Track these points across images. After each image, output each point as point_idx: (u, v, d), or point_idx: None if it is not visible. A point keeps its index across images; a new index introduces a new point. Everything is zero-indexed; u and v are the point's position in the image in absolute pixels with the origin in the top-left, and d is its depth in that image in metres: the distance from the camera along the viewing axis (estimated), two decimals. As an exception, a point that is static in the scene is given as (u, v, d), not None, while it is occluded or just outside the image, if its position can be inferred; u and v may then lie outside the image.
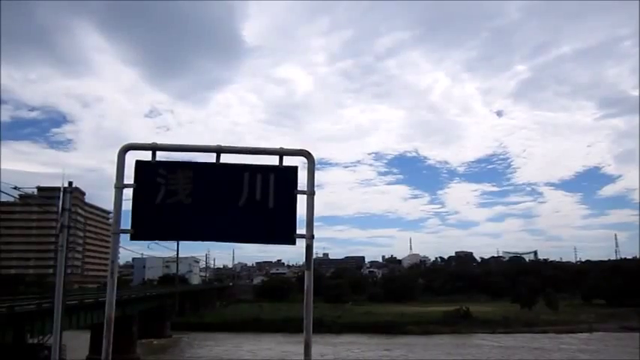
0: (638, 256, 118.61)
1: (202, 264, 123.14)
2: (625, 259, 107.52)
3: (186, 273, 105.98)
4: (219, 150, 4.30)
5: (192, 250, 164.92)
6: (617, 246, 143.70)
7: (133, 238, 4.20)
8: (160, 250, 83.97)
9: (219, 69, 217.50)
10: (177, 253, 74.39)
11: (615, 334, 52.95)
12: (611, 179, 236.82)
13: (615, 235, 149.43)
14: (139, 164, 4.26)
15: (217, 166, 4.30)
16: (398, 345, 49.06)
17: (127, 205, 4.25)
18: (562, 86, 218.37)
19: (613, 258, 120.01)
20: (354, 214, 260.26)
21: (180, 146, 4.39)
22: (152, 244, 67.22)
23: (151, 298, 54.10)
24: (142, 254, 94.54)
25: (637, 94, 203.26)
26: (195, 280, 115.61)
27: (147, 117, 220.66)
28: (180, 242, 70.46)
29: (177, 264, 79.42)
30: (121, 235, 4.22)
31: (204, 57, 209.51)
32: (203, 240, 4.48)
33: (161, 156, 4.33)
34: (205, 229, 4.29)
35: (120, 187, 4.18)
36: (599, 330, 55.32)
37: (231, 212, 4.25)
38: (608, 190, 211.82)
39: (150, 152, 4.28)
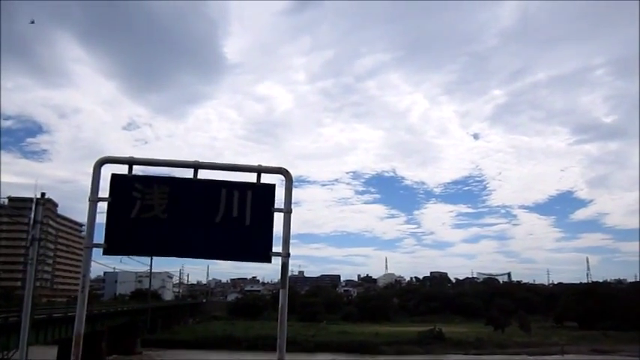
0: (609, 280, 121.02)
1: (176, 279, 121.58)
2: (596, 282, 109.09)
3: (159, 288, 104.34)
4: (196, 166, 4.29)
5: (166, 265, 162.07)
6: (588, 269, 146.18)
7: (105, 252, 4.14)
8: (133, 264, 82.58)
9: (199, 84, 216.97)
10: (151, 268, 73.20)
11: (586, 357, 53.44)
12: (583, 203, 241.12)
13: (587, 258, 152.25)
14: (115, 178, 4.22)
15: (194, 182, 4.28)
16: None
17: (102, 218, 4.20)
18: (537, 111, 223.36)
19: (585, 281, 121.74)
20: (330, 232, 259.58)
21: (158, 161, 4.36)
22: (125, 258, 66.31)
23: (122, 314, 53.00)
24: (114, 268, 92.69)
25: (609, 121, 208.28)
26: (168, 295, 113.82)
27: (125, 130, 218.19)
28: (154, 257, 69.65)
29: (150, 279, 78.18)
30: (94, 249, 4.16)
31: (185, 72, 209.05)
32: (178, 256, 4.44)
33: (138, 170, 4.30)
34: (181, 245, 4.24)
35: (94, 200, 4.13)
36: (571, 352, 55.78)
37: (207, 229, 4.22)
38: (580, 214, 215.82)
39: (126, 166, 4.25)
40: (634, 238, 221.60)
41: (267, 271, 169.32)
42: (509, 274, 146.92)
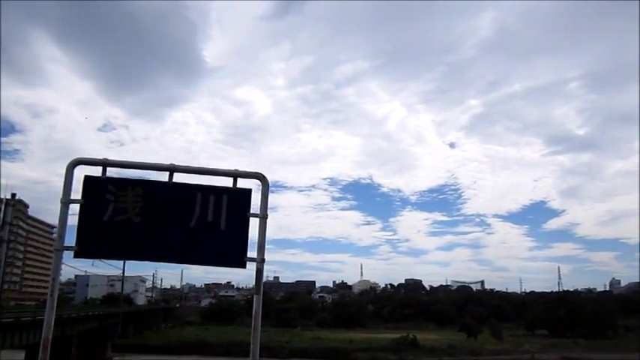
0: (579, 289, 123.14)
1: (149, 284, 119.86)
2: (567, 291, 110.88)
3: (131, 293, 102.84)
4: (172, 169, 4.24)
5: (139, 269, 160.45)
6: (560, 278, 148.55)
7: (76, 255, 4.06)
8: (105, 268, 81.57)
9: (177, 87, 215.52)
10: (123, 272, 72.11)
11: (556, 365, 54.22)
12: (555, 213, 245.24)
13: (558, 267, 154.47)
14: (88, 179, 4.14)
15: (169, 185, 4.23)
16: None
17: (74, 220, 4.12)
18: (512, 122, 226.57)
19: (556, 290, 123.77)
20: (306, 238, 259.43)
21: (132, 163, 4.29)
22: (97, 261, 65.27)
23: (93, 318, 52.02)
24: (85, 272, 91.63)
25: (581, 133, 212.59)
26: (141, 300, 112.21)
27: (100, 131, 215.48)
28: (127, 261, 68.71)
29: (123, 283, 76.98)
30: (65, 252, 4.08)
31: (162, 74, 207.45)
32: (151, 260, 4.36)
33: (112, 172, 4.23)
34: (154, 249, 4.18)
35: (66, 202, 4.05)
36: (541, 360, 56.55)
37: (181, 233, 4.17)
38: (552, 224, 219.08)
39: (100, 168, 4.18)
40: (604, 248, 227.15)
41: (241, 277, 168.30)
42: (482, 282, 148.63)
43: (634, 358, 56.45)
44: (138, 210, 4.13)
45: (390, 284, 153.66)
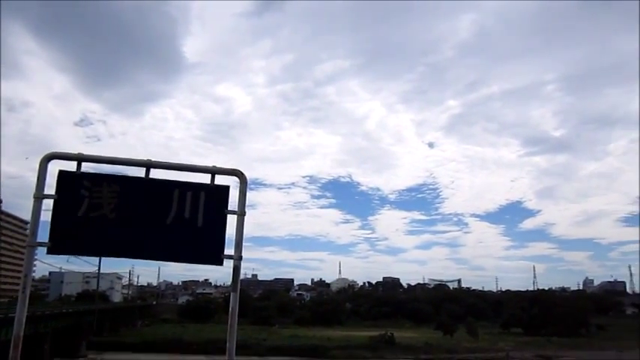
0: (553, 288, 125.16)
1: (125, 281, 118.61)
2: (542, 290, 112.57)
3: (107, 290, 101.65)
4: (148, 165, 4.18)
5: (115, 266, 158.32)
6: (535, 277, 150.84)
7: (50, 251, 3.99)
8: (80, 264, 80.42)
9: (156, 82, 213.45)
10: (99, 269, 71.35)
11: (530, 362, 55.02)
12: (531, 213, 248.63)
13: (534, 266, 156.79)
14: (62, 174, 4.07)
15: (146, 181, 4.17)
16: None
17: (48, 216, 4.04)
18: (490, 123, 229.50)
19: (531, 289, 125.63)
20: (285, 235, 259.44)
21: (108, 158, 4.22)
22: (72, 258, 64.30)
23: (67, 315, 51.27)
24: (60, 268, 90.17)
25: (557, 134, 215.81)
26: (117, 297, 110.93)
27: (77, 126, 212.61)
28: (103, 258, 67.85)
29: (98, 280, 76.10)
30: (39, 247, 4.01)
31: (141, 69, 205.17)
32: (127, 257, 4.30)
33: (87, 167, 4.17)
34: (129, 246, 4.12)
35: (39, 197, 3.98)
36: (516, 357, 57.27)
37: (157, 229, 4.12)
38: (528, 224, 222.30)
39: (75, 162, 4.11)
40: (578, 248, 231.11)
41: (219, 274, 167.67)
42: (459, 281, 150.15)
43: (606, 355, 57.60)
44: (113, 206, 4.07)
45: (368, 282, 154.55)
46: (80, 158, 4.08)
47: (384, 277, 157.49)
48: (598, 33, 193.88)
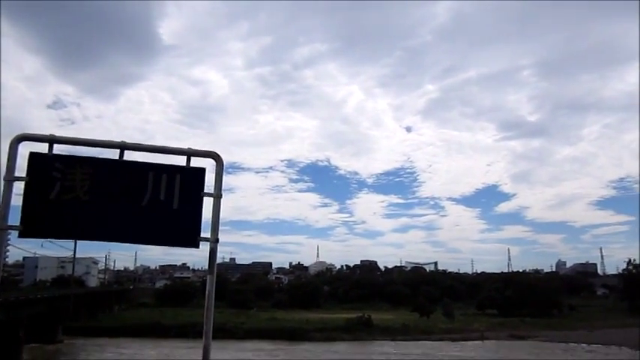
0: (527, 270, 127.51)
1: (101, 265, 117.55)
2: (516, 272, 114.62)
3: (83, 275, 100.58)
4: (122, 146, 4.11)
5: (91, 250, 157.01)
6: (509, 260, 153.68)
7: (21, 235, 3.91)
8: (55, 249, 79.45)
9: (131, 64, 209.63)
10: (75, 253, 70.59)
11: (504, 342, 56.29)
12: (506, 197, 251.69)
13: (508, 249, 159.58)
14: (34, 156, 3.98)
15: (119, 163, 4.10)
16: (289, 350, 49.32)
17: (20, 200, 3.96)
18: (467, 107, 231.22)
19: (505, 271, 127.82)
20: (263, 219, 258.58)
21: (81, 140, 4.13)
22: (47, 242, 63.41)
23: (42, 301, 50.77)
24: (34, 253, 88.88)
25: (533, 119, 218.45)
26: (93, 282, 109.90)
27: (50, 108, 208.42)
28: (79, 242, 67.03)
29: (74, 265, 75.26)
30: (10, 232, 3.94)
31: (116, 51, 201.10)
32: (101, 240, 4.24)
33: (60, 150, 4.08)
34: (104, 229, 4.07)
35: (10, 179, 3.89)
36: (490, 338, 58.54)
37: (132, 212, 4.07)
38: (503, 207, 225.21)
39: (46, 144, 4.02)
40: (551, 230, 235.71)
41: (197, 258, 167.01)
42: (435, 264, 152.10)
43: (577, 334, 59.19)
44: (87, 188, 4.00)
45: (346, 265, 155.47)
46: (52, 140, 4.00)
47: (361, 260, 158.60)
48: (573, 19, 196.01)
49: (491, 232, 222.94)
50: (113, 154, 4.16)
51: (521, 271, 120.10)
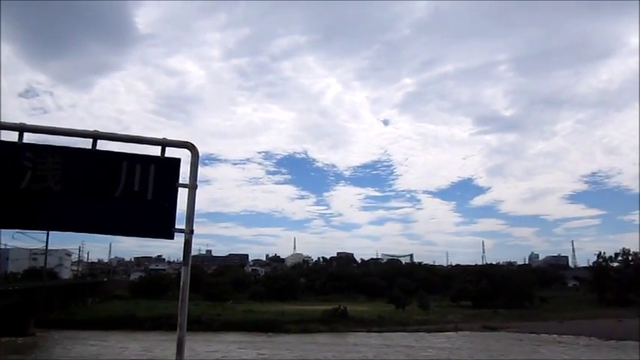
0: (501, 262, 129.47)
1: (75, 257, 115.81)
2: (490, 264, 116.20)
3: (55, 267, 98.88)
4: (95, 136, 4.04)
5: (65, 242, 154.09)
6: (483, 252, 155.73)
7: (-9, 226, 3.84)
8: (27, 240, 77.91)
9: (106, 53, 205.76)
10: (47, 245, 69.59)
11: (477, 333, 57.18)
12: (481, 190, 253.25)
13: (483, 242, 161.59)
14: (3, 145, 3.89)
15: (93, 153, 4.03)
16: (264, 343, 49.41)
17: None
18: (444, 102, 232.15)
19: (480, 263, 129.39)
20: (240, 211, 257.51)
21: (52, 129, 4.05)
22: (18, 234, 62.28)
23: (13, 293, 49.96)
24: (5, 245, 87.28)
25: (508, 114, 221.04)
26: (66, 274, 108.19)
27: (22, 97, 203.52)
28: (51, 233, 65.92)
29: (46, 256, 74.12)
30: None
31: (90, 39, 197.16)
32: (73, 231, 4.17)
33: (31, 139, 3.99)
34: (76, 219, 4.00)
35: (-22, 168, 3.80)
36: (464, 329, 59.40)
37: (105, 203, 4.00)
38: (478, 201, 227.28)
39: (16, 133, 3.94)
40: (525, 224, 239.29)
41: (173, 250, 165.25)
42: (411, 256, 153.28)
43: (548, 325, 60.40)
44: (58, 178, 3.92)
45: (323, 257, 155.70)
46: (22, 128, 3.91)
47: (338, 253, 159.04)
48: (548, 16, 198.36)
49: (466, 225, 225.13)
50: (86, 143, 4.09)
51: (495, 263, 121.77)
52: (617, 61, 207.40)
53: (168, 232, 4.09)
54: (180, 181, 4.20)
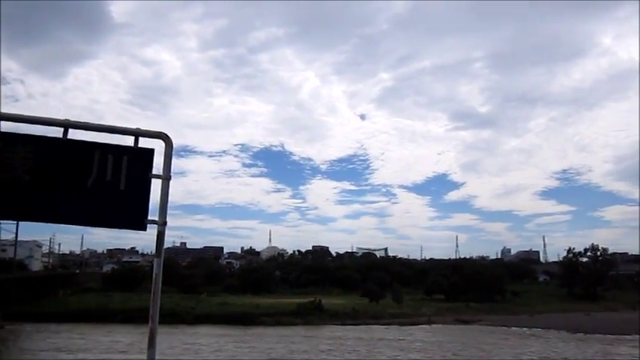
0: (474, 257, 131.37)
1: (46, 249, 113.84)
2: (463, 258, 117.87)
3: (25, 258, 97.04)
4: (66, 125, 3.96)
5: (35, 233, 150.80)
6: (457, 246, 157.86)
7: (-44, 215, 3.75)
8: (-4, 231, 76.28)
9: (80, 42, 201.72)
10: (17, 236, 68.23)
11: (450, 326, 57.99)
12: (456, 186, 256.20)
13: (456, 236, 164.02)
14: (-30, 133, 3.81)
15: (64, 142, 3.95)
16: (238, 336, 49.36)
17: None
18: (420, 97, 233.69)
19: (453, 257, 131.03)
20: (215, 204, 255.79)
21: (21, 117, 3.95)
22: (-13, 225, 60.92)
23: (-18, 285, 48.90)
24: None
25: (483, 110, 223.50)
26: (37, 266, 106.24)
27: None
28: (21, 224, 64.72)
29: (16, 248, 72.73)
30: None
31: (63, 27, 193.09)
32: (43, 221, 4.10)
33: (1, 127, 3.90)
34: (46, 210, 3.92)
35: (-55, 157, 3.71)
36: (437, 322, 60.18)
37: (77, 193, 3.93)
38: (453, 196, 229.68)
39: (-16, 121, 3.84)
40: (497, 219, 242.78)
41: (146, 242, 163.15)
42: (386, 250, 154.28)
43: (519, 318, 61.55)
44: (28, 167, 3.84)
45: (298, 251, 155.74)
46: (-9, 116, 3.82)
47: (313, 246, 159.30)
48: (522, 15, 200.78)
49: (440, 220, 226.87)
50: (58, 133, 4.02)
51: (468, 257, 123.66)
52: (589, 61, 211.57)
53: (141, 224, 4.04)
54: (154, 172, 4.15)
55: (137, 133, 4.11)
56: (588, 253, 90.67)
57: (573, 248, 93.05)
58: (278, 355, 39.96)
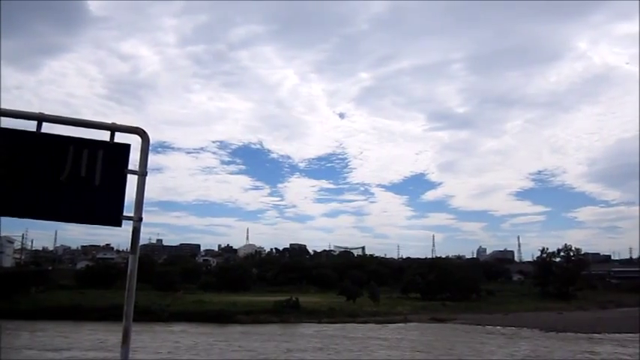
0: (450, 256, 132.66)
1: (18, 245, 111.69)
2: (440, 257, 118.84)
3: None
4: (40, 118, 3.90)
5: (6, 228, 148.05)
6: (434, 245, 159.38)
7: None
8: (-33, 227, 74.72)
9: (56, 34, 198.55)
10: (-12, 232, 66.69)
11: (425, 324, 58.38)
12: (433, 185, 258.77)
13: (433, 235, 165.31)
14: (-59, 126, 3.72)
15: (37, 136, 3.88)
16: (209, 335, 49.11)
17: None
18: (399, 97, 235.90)
19: (430, 256, 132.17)
20: (192, 200, 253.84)
21: (-7, 110, 3.89)
22: (-43, 219, 59.64)
23: (-49, 281, 47.77)
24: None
25: (461, 111, 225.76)
26: (8, 262, 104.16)
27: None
28: (-7, 220, 63.37)
29: (-13, 244, 71.18)
30: None
31: (39, 19, 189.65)
32: (15, 216, 4.02)
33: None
34: (19, 204, 3.85)
35: None
36: (413, 320, 60.55)
37: (51, 188, 3.87)
38: (430, 195, 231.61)
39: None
40: (473, 219, 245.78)
41: (122, 239, 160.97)
42: (363, 248, 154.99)
43: (493, 317, 62.30)
44: (1, 161, 3.78)
45: (276, 248, 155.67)
46: (-39, 108, 3.74)
47: (291, 244, 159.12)
48: (500, 18, 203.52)
49: (417, 219, 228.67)
50: (32, 126, 3.95)
51: (444, 257, 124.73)
52: (565, 64, 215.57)
53: (116, 220, 4.00)
54: (130, 167, 4.10)
55: (113, 128, 4.07)
56: (561, 254, 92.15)
57: (547, 248, 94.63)
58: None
